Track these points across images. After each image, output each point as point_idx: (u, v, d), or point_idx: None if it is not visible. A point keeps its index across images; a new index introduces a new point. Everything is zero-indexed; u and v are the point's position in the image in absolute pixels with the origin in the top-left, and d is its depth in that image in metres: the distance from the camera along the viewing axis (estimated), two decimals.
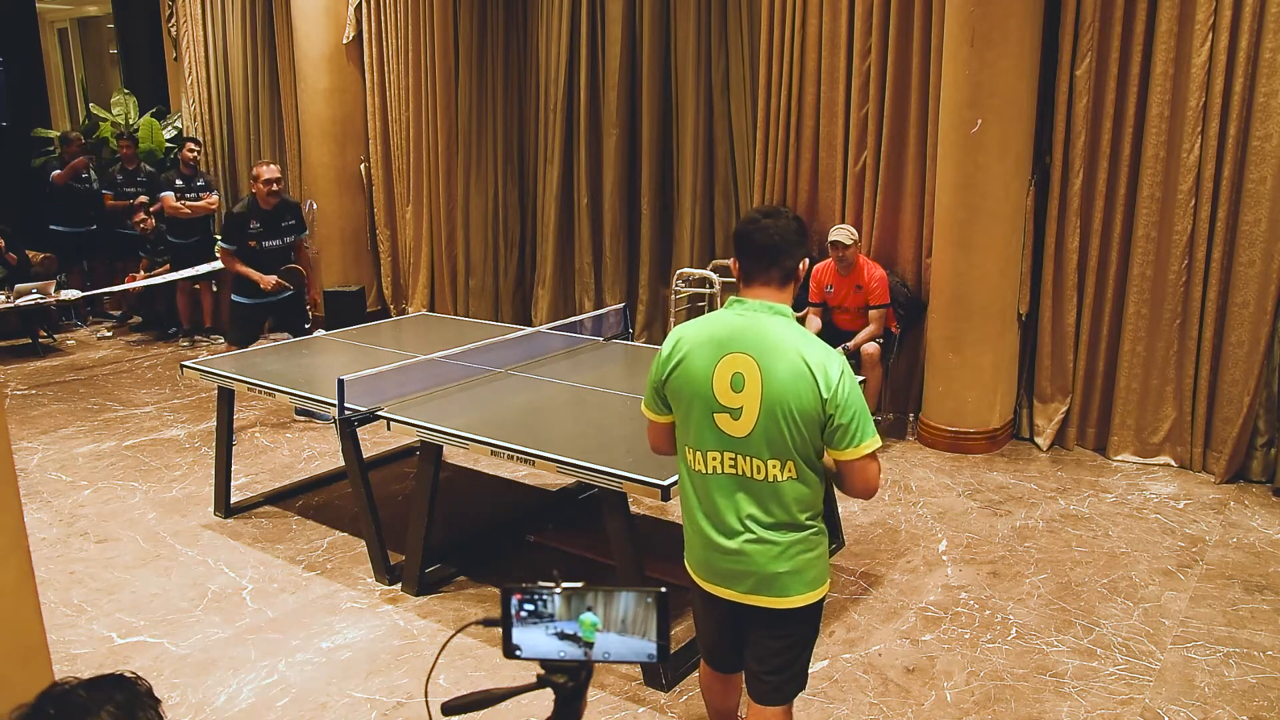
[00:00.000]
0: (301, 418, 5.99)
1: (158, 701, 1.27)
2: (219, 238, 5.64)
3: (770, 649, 2.34)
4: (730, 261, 2.36)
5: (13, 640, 2.29)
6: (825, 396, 2.14)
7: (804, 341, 2.19)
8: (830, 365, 2.16)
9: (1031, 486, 4.91)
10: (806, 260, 2.36)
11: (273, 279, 5.67)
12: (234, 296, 5.77)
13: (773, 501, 2.22)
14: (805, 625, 2.35)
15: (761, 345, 2.18)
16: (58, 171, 8.46)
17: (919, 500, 4.76)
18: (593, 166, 7.28)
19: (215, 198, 8.22)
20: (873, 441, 2.19)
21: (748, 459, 2.20)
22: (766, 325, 2.20)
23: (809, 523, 2.26)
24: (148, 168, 8.83)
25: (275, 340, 5.67)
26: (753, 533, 2.23)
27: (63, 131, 9.26)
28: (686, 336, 2.28)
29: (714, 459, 2.23)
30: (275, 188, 5.67)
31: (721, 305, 2.49)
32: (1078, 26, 5.01)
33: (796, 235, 2.27)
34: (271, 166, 5.74)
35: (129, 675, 1.27)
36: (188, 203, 7.87)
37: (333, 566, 4.18)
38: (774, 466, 2.19)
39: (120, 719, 1.21)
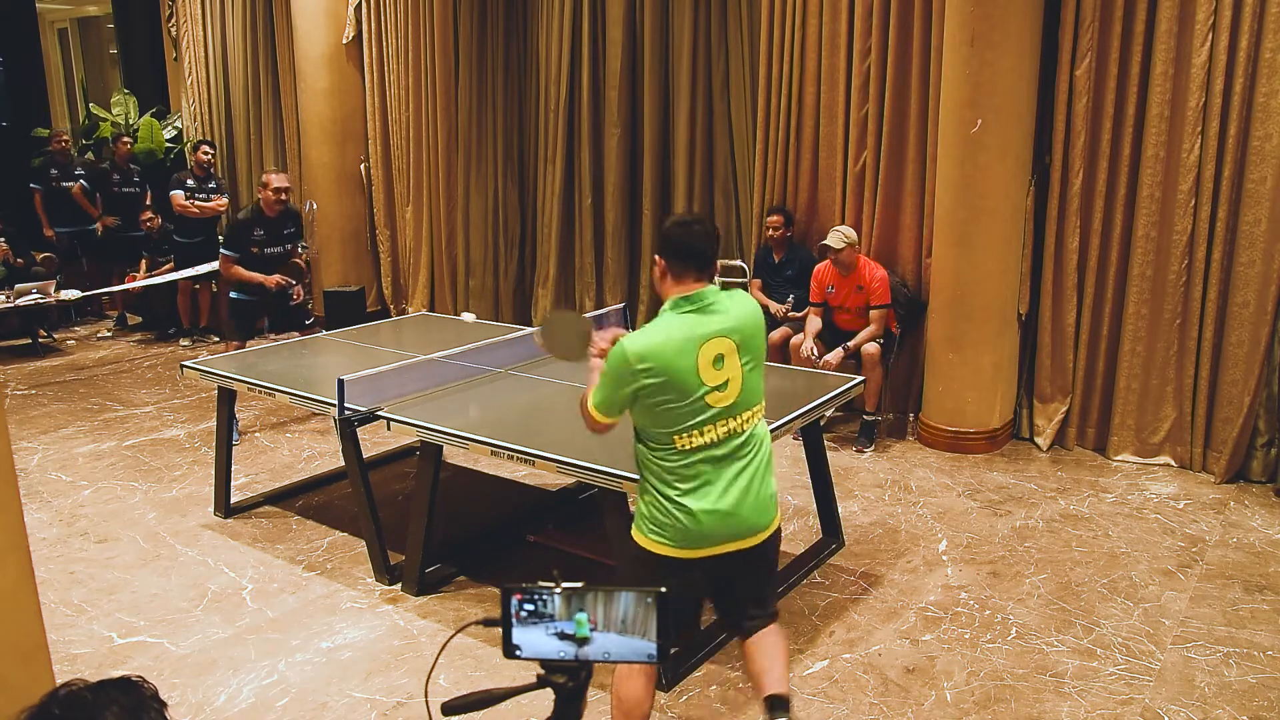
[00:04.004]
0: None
1: (164, 704, 1.27)
2: (221, 244, 5.63)
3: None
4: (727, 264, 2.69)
5: (13, 640, 2.29)
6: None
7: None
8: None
9: (1031, 486, 4.91)
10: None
11: (276, 277, 5.69)
12: (232, 294, 5.78)
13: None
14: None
15: (728, 319, 2.56)
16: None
17: (919, 500, 4.76)
18: (595, 166, 7.29)
19: (225, 200, 8.22)
20: None
21: (739, 416, 2.53)
22: (727, 296, 2.61)
23: None
24: (135, 165, 8.83)
25: (276, 340, 5.67)
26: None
27: (52, 130, 9.22)
28: (652, 354, 2.46)
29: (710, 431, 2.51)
30: (284, 197, 5.69)
31: None
32: (1078, 26, 5.01)
33: (717, 240, 2.70)
34: (282, 175, 5.76)
35: (135, 678, 1.28)
36: (197, 202, 7.88)
37: (333, 566, 4.18)
38: (750, 415, 2.57)
39: None
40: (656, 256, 2.62)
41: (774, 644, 2.69)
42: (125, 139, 8.80)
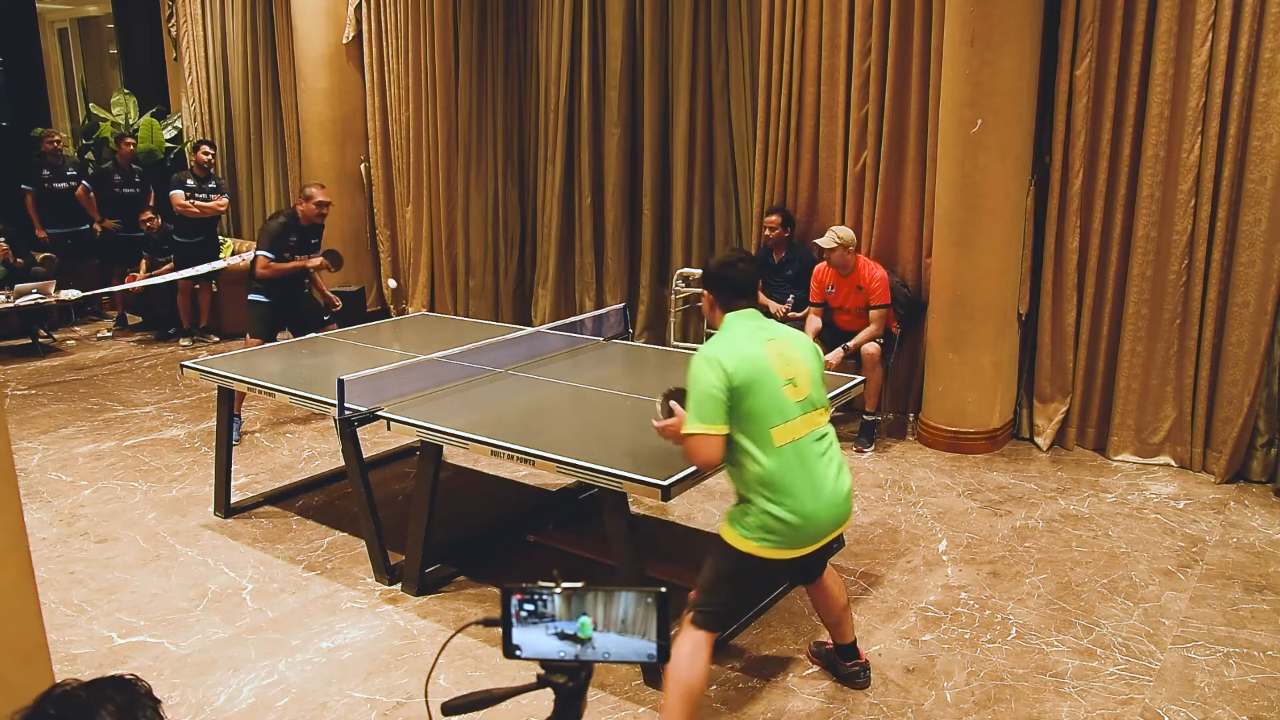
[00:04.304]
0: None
1: (158, 702, 1.28)
2: (258, 246, 5.73)
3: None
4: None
5: (13, 640, 2.29)
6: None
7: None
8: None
9: (1031, 486, 4.91)
10: None
11: (318, 258, 5.87)
12: (254, 297, 5.84)
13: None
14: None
15: (783, 332, 2.92)
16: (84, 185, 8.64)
17: (919, 500, 4.76)
18: (595, 167, 7.29)
19: (225, 200, 8.23)
20: None
21: (813, 413, 2.81)
22: (773, 323, 2.94)
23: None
24: (137, 166, 8.83)
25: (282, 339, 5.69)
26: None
27: (44, 130, 9.18)
28: (732, 354, 2.70)
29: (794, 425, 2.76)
30: (325, 211, 5.82)
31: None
32: (1078, 26, 5.01)
33: (759, 271, 3.01)
34: (326, 190, 5.91)
35: (129, 677, 1.28)
36: (197, 202, 7.88)
37: (333, 566, 4.18)
38: (823, 413, 2.86)
39: (120, 719, 1.22)
40: (704, 291, 2.93)
41: (836, 587, 3.15)
42: (129, 139, 8.80)
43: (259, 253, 5.71)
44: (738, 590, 2.88)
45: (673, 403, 2.88)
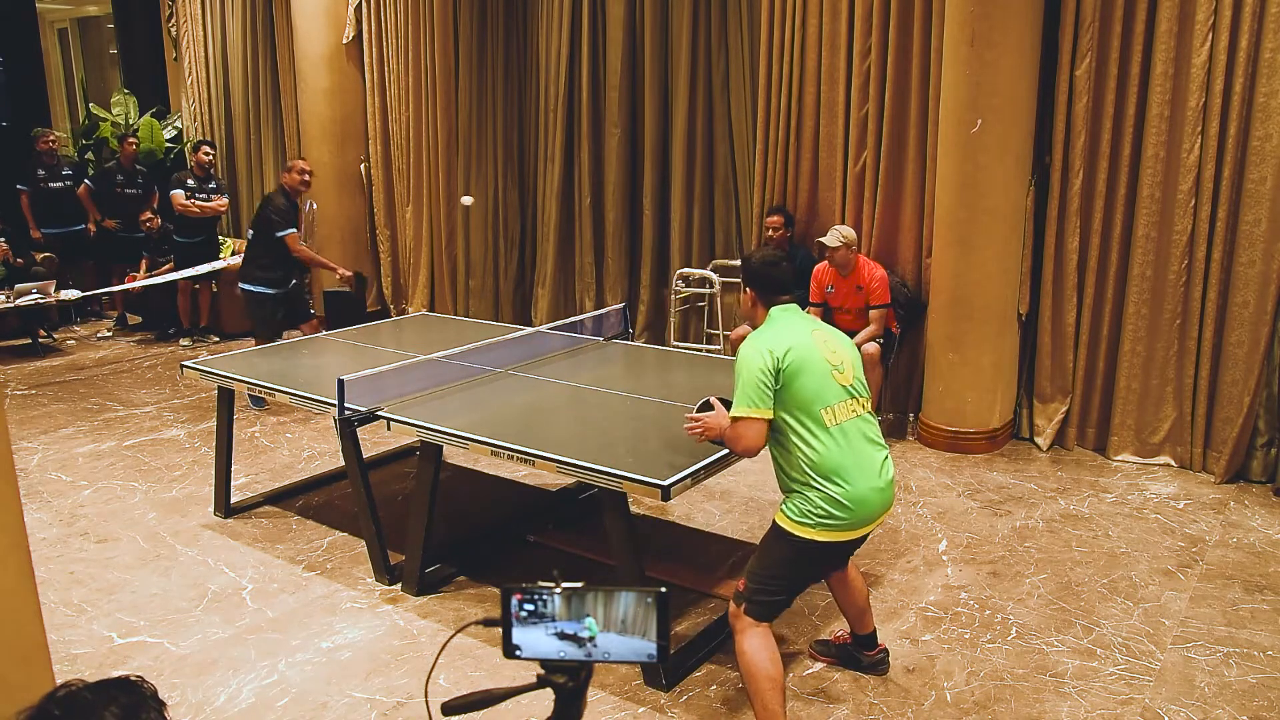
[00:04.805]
0: (256, 408, 6.20)
1: (163, 704, 1.27)
2: (286, 225, 5.76)
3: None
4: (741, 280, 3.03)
5: (13, 640, 2.29)
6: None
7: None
8: None
9: (1031, 486, 4.91)
10: None
11: (347, 272, 6.21)
12: (259, 290, 5.84)
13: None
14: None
15: (823, 325, 3.04)
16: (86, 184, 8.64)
17: (919, 500, 4.76)
18: (594, 166, 7.29)
19: (225, 201, 8.23)
20: None
21: (857, 400, 2.90)
22: (813, 317, 3.10)
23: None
24: (140, 167, 8.82)
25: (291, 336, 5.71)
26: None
27: (39, 130, 9.13)
28: (781, 341, 2.79)
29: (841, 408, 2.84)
30: (307, 180, 6.09)
31: (721, 305, 2.80)
32: (1078, 26, 5.02)
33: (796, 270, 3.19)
34: (307, 160, 6.23)
35: (134, 678, 1.27)
36: (198, 202, 7.88)
37: (333, 566, 4.18)
38: (866, 403, 2.95)
39: None
40: (746, 289, 3.02)
41: (859, 580, 3.27)
42: (131, 140, 8.80)
43: (291, 231, 5.75)
44: (796, 578, 2.94)
45: (713, 397, 2.93)
